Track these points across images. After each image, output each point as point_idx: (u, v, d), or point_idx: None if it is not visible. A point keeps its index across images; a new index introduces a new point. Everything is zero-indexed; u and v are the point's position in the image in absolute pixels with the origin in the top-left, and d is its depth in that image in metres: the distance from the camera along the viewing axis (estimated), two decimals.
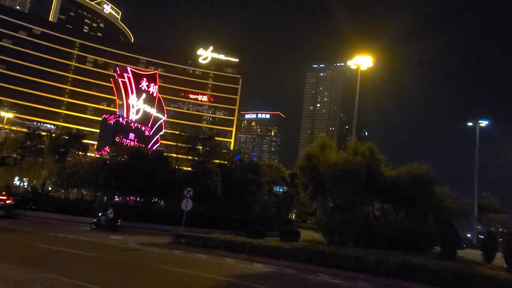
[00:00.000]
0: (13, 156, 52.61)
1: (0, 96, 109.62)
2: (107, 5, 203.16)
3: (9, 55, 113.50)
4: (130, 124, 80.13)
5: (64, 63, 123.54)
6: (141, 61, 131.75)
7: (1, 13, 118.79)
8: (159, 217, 33.29)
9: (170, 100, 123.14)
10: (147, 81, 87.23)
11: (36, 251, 15.35)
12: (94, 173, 33.58)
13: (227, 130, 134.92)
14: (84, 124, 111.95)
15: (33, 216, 30.96)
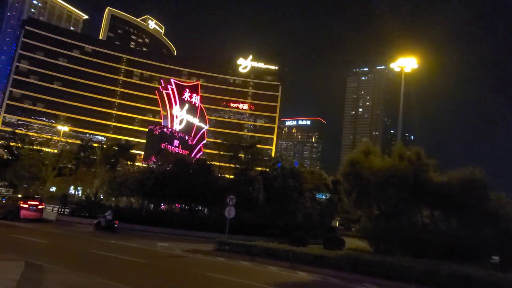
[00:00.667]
0: (69, 167, 56.31)
1: (57, 111, 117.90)
2: (151, 21, 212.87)
3: (64, 73, 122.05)
4: (174, 133, 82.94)
5: (113, 78, 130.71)
6: (183, 73, 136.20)
7: (58, 34, 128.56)
8: (203, 224, 33.96)
9: (212, 109, 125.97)
10: (189, 92, 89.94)
11: (90, 256, 16.24)
12: (141, 182, 35.00)
13: (268, 138, 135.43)
14: (131, 135, 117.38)
15: (87, 223, 32.75)
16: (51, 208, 36.79)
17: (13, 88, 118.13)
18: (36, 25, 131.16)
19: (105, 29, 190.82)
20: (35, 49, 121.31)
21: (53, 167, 53.97)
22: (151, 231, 31.19)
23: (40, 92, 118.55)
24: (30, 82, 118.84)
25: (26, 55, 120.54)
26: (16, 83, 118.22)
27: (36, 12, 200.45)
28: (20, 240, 18.50)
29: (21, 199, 31.76)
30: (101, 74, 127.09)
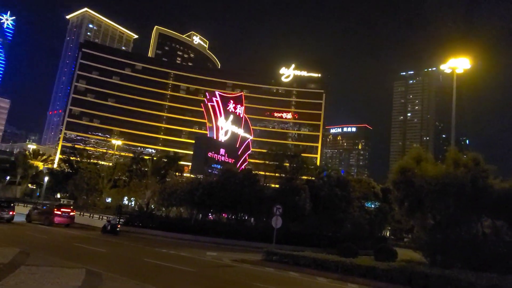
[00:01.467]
0: (123, 179, 59.31)
1: (111, 126, 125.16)
2: (196, 36, 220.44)
3: (117, 90, 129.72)
4: (220, 142, 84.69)
5: (162, 93, 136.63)
6: (227, 85, 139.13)
7: (111, 54, 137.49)
8: (250, 234, 34.08)
9: (256, 119, 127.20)
10: (234, 103, 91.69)
11: (143, 265, 16.88)
12: (189, 192, 35.96)
13: (312, 146, 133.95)
14: (179, 147, 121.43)
15: (140, 232, 34.17)
16: (108, 218, 38.77)
17: (72, 106, 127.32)
18: (91, 47, 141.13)
19: (153, 46, 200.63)
20: (91, 69, 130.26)
21: (108, 179, 57.10)
22: (199, 241, 31.86)
23: (96, 109, 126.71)
24: (87, 100, 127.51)
25: (83, 75, 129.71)
26: (75, 102, 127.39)
27: (91, 35, 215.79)
28: (80, 249, 19.69)
29: (55, 207, 34.79)
30: (151, 90, 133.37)
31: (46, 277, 10.05)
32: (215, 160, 78.82)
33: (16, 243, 17.79)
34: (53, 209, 33.93)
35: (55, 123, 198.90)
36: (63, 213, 34.03)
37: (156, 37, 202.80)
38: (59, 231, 29.00)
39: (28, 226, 30.90)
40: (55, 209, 33.76)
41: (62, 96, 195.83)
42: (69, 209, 35.73)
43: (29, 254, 14.08)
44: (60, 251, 17.98)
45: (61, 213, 33.83)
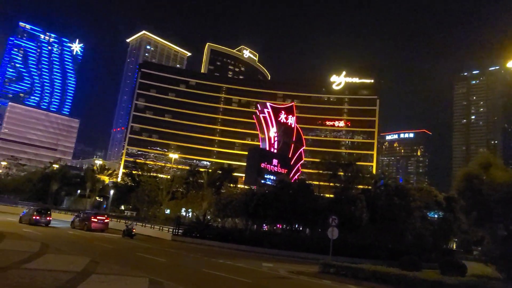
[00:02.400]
0: (180, 191, 61.59)
1: (169, 140, 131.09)
2: (246, 50, 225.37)
3: (173, 106, 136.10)
4: (273, 153, 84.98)
5: (215, 107, 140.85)
6: (278, 96, 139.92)
7: (167, 72, 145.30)
8: (304, 245, 33.62)
9: (307, 129, 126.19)
10: (285, 113, 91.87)
11: (202, 275, 17.35)
12: (244, 203, 36.45)
13: (367, 154, 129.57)
14: (233, 159, 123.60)
15: (197, 243, 35.18)
16: (167, 229, 40.42)
17: (133, 123, 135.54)
18: (149, 67, 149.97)
19: (205, 62, 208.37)
20: (150, 88, 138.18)
21: (167, 191, 59.60)
22: (255, 251, 32.03)
23: (154, 125, 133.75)
24: (146, 116, 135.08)
25: (143, 93, 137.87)
26: (136, 119, 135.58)
27: (149, 56, 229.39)
28: (142, 258, 20.73)
29: (93, 215, 39.44)
30: (204, 104, 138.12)
31: (114, 285, 10.73)
32: (268, 170, 79.20)
33: (85, 252, 19.19)
34: (91, 216, 38.58)
35: (119, 140, 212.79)
36: (99, 220, 38.46)
37: (208, 53, 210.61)
38: (119, 240, 30.80)
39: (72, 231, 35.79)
40: (92, 217, 38.48)
41: (124, 114, 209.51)
42: (104, 217, 40.16)
43: (99, 263, 15.10)
44: (123, 260, 19.06)
45: (97, 220, 38.28)
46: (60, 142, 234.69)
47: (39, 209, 39.46)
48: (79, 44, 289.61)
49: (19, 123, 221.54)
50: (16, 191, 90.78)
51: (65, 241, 24.51)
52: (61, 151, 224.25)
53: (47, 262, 13.85)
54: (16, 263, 12.55)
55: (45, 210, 39.24)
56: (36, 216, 37.24)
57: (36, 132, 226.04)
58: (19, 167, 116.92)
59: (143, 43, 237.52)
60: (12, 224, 35.05)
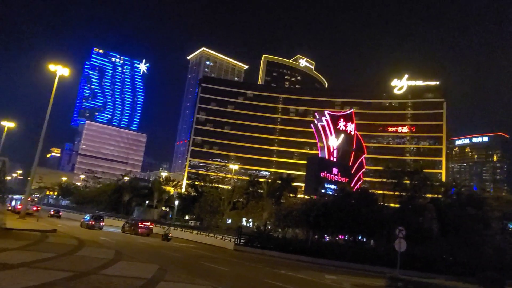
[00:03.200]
0: (241, 201, 62.69)
1: (228, 152, 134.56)
2: (302, 59, 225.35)
3: (232, 118, 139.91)
4: (333, 161, 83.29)
5: (272, 117, 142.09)
6: (336, 103, 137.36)
7: (226, 86, 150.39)
8: (369, 257, 32.28)
9: (368, 136, 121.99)
10: (344, 121, 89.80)
11: (264, 286, 17.45)
12: (304, 214, 36.08)
13: (435, 161, 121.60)
14: (291, 169, 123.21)
15: (258, 253, 35.43)
16: (229, 239, 41.28)
17: (195, 136, 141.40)
18: (209, 81, 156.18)
19: (262, 74, 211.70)
20: (210, 101, 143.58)
21: (228, 201, 60.99)
22: (317, 263, 31.44)
23: (215, 137, 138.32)
24: (207, 129, 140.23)
25: (203, 107, 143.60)
26: (197, 132, 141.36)
27: (208, 71, 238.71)
28: (206, 267, 21.38)
29: (139, 221, 45.37)
30: (262, 115, 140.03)
31: None
32: (328, 180, 77.63)
33: (153, 259, 20.29)
34: (138, 223, 44.63)
35: (182, 152, 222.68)
36: (145, 226, 44.15)
37: (264, 65, 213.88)
38: (184, 249, 32.05)
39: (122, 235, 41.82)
40: (139, 223, 44.44)
41: (186, 128, 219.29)
42: (149, 223, 45.90)
43: (167, 271, 15.90)
44: (189, 268, 19.82)
45: (143, 226, 43.92)
46: (130, 155, 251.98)
47: (94, 216, 47.20)
48: (146, 64, 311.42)
49: (94, 139, 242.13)
50: (93, 201, 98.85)
51: (135, 249, 26.13)
52: (131, 164, 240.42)
53: (121, 268, 14.89)
54: (95, 268, 13.69)
55: (99, 217, 47.03)
56: (92, 221, 44.31)
57: (109, 147, 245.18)
58: (95, 179, 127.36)
59: (202, 59, 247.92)
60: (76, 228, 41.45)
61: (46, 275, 11.06)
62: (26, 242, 19.76)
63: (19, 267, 12.01)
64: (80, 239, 26.12)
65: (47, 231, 29.38)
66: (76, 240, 25.54)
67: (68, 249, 19.15)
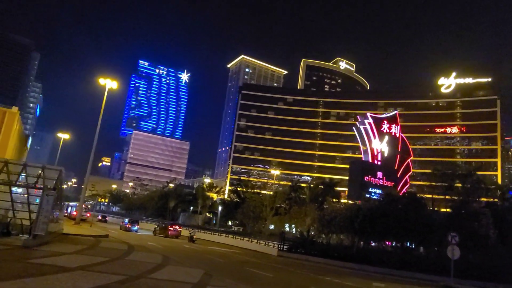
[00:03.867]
0: (283, 206, 62.47)
1: (269, 157, 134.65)
2: (342, 61, 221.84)
3: (272, 124, 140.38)
4: (377, 165, 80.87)
5: (313, 121, 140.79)
6: (379, 105, 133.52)
7: (265, 92, 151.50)
8: (418, 264, 30.77)
9: (414, 138, 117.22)
10: (387, 123, 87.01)
11: None
12: (349, 219, 35.23)
13: (489, 162, 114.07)
14: (334, 173, 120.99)
15: (302, 259, 35.06)
16: (273, 245, 41.22)
17: (236, 143, 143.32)
18: (248, 88, 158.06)
19: (301, 78, 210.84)
20: (250, 108, 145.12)
21: (270, 207, 61.01)
22: (363, 270, 30.54)
23: (256, 143, 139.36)
24: (248, 135, 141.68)
25: (244, 113, 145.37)
26: (238, 138, 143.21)
27: (248, 78, 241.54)
28: (250, 272, 21.49)
29: (169, 224, 50.60)
30: (303, 120, 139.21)
31: None
32: (372, 184, 75.41)
33: (199, 264, 20.73)
34: (168, 226, 49.31)
35: (224, 159, 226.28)
36: (174, 229, 48.37)
37: (303, 69, 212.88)
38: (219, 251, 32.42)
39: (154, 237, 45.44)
40: (169, 226, 49.23)
41: (227, 135, 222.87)
42: (178, 226, 50.53)
43: (212, 276, 16.19)
44: (234, 273, 20.02)
45: (173, 229, 48.16)
46: (174, 163, 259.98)
47: (130, 220, 55.60)
48: (187, 74, 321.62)
49: (141, 148, 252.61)
50: (141, 208, 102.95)
51: (181, 254, 26.84)
52: (176, 172, 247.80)
53: (169, 273, 15.38)
54: (144, 272, 14.25)
55: (135, 221, 55.65)
56: (128, 224, 51.71)
57: (155, 155, 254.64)
58: (142, 187, 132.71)
59: (242, 66, 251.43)
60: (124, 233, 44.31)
61: (101, 278, 11.68)
62: (81, 247, 20.99)
63: (77, 270, 12.79)
64: (129, 244, 27.28)
65: (100, 236, 31.01)
66: (126, 245, 26.71)
67: (119, 254, 20.09)
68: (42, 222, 18.45)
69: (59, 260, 15.03)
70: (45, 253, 16.53)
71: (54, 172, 22.50)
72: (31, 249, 17.02)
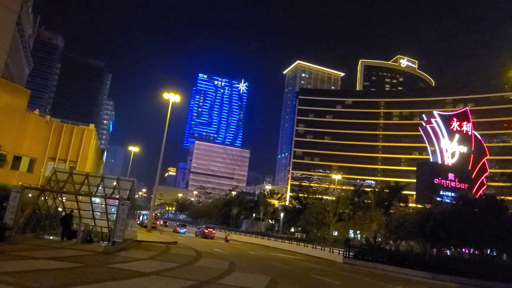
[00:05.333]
0: (346, 212, 60.82)
1: (330, 162, 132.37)
2: (403, 59, 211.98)
3: (331, 127, 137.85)
4: (447, 167, 75.65)
5: (374, 123, 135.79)
6: (446, 102, 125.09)
7: (323, 95, 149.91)
8: (501, 274, 28.06)
9: (489, 135, 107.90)
10: (457, 120, 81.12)
11: None
12: (419, 224, 33.22)
13: None
14: (399, 176, 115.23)
15: (369, 266, 33.78)
16: (337, 251, 40.29)
17: (295, 148, 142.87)
18: (305, 93, 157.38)
19: (360, 80, 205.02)
20: (308, 113, 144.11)
21: (333, 213, 59.75)
22: (436, 279, 28.61)
23: (315, 148, 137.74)
24: (307, 141, 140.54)
25: (301, 119, 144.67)
26: (297, 144, 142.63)
27: (304, 83, 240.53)
28: (317, 280, 21.21)
29: (206, 227, 59.50)
30: (362, 122, 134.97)
31: None
32: (443, 186, 70.57)
33: (264, 271, 20.94)
34: (205, 228, 58.73)
35: (283, 165, 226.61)
36: (209, 231, 57.57)
37: (361, 70, 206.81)
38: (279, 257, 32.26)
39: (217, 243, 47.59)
40: (205, 229, 58.41)
41: (286, 141, 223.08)
42: (212, 229, 60.24)
43: (278, 283, 16.29)
44: (299, 281, 19.91)
45: (208, 231, 57.34)
46: (236, 171, 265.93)
47: (180, 224, 69.63)
48: (244, 83, 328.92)
49: (204, 157, 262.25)
50: (206, 215, 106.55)
51: (246, 260, 27.32)
52: (237, 179, 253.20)
53: (236, 279, 15.77)
54: (213, 278, 14.78)
55: (183, 225, 68.54)
56: (178, 227, 63.17)
57: (217, 164, 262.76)
58: (206, 195, 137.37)
59: (298, 72, 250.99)
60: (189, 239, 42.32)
61: (174, 283, 12.36)
62: (154, 253, 22.32)
63: (152, 275, 13.66)
64: (197, 251, 28.40)
65: (170, 243, 32.68)
66: (194, 251, 27.84)
67: (188, 260, 21.03)
68: (119, 229, 19.98)
69: (136, 265, 16.15)
70: (123, 258, 17.87)
71: (127, 183, 24.33)
72: (111, 255, 18.49)
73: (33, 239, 21.27)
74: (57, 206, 25.07)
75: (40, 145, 45.03)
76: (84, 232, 22.99)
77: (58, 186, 22.74)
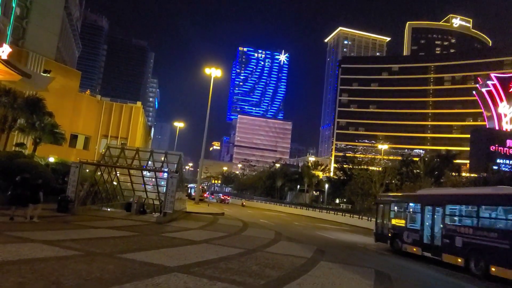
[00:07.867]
0: (393, 182, 59.20)
1: (375, 131, 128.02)
2: (456, 18, 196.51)
3: (377, 96, 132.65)
4: (506, 133, 70.63)
5: (422, 90, 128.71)
6: (505, 63, 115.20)
7: (367, 63, 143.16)
8: None
9: None
10: None
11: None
12: None
13: None
14: (451, 144, 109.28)
15: None
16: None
17: (339, 119, 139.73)
18: (348, 61, 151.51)
19: (407, 44, 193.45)
20: (351, 82, 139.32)
21: (380, 183, 58.40)
22: None
23: (359, 118, 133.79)
24: (351, 111, 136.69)
25: (345, 88, 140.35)
26: (341, 114, 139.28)
27: (347, 51, 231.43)
28: (364, 250, 21.06)
29: (222, 194, 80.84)
30: (410, 89, 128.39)
31: (341, 273, 11.45)
32: (500, 154, 66.30)
33: (309, 241, 21.08)
34: (222, 195, 76.51)
35: (327, 136, 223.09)
36: (225, 198, 77.32)
37: (409, 33, 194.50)
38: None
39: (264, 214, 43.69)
40: (222, 196, 78.57)
41: (329, 112, 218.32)
42: (228, 196, 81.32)
43: (324, 252, 16.38)
44: (344, 251, 19.89)
45: (224, 198, 77.19)
46: (278, 143, 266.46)
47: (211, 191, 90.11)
48: (285, 54, 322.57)
49: (247, 131, 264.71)
50: (250, 188, 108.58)
51: (292, 230, 27.66)
52: (280, 152, 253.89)
53: (283, 247, 16.06)
54: (260, 246, 15.16)
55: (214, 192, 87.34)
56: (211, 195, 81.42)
57: (259, 137, 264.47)
58: (250, 168, 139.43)
59: (340, 39, 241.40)
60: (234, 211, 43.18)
61: (223, 251, 12.82)
62: (203, 223, 23.25)
63: (202, 243, 14.27)
64: (244, 221, 29.19)
65: (217, 214, 33.86)
66: (241, 222, 28.64)
67: (235, 230, 21.69)
68: (169, 201, 20.93)
69: (187, 234, 16.94)
70: (174, 228, 18.80)
71: (175, 157, 25.23)
72: (163, 225, 19.51)
73: (93, 210, 22.92)
74: (112, 179, 26.66)
75: (93, 124, 47.72)
76: (137, 204, 24.40)
77: (112, 161, 24.09)
